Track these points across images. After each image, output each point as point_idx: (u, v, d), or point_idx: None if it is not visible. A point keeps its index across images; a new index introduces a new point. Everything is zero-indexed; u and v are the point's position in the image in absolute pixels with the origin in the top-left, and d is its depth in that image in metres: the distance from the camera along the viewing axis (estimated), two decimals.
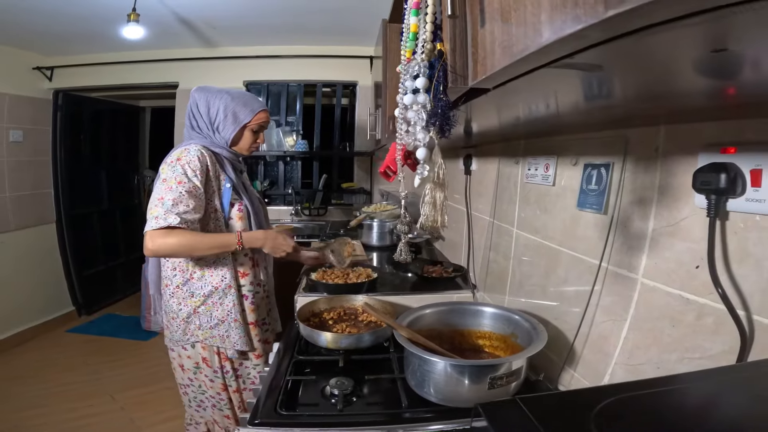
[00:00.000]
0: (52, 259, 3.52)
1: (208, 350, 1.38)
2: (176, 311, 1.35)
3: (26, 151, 3.25)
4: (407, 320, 1.06)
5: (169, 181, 1.22)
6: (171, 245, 1.18)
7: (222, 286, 1.35)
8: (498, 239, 1.39)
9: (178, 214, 1.18)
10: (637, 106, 0.66)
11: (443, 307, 1.14)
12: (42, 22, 2.52)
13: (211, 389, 1.42)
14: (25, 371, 2.71)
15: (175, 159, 1.26)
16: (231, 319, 1.36)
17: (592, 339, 0.87)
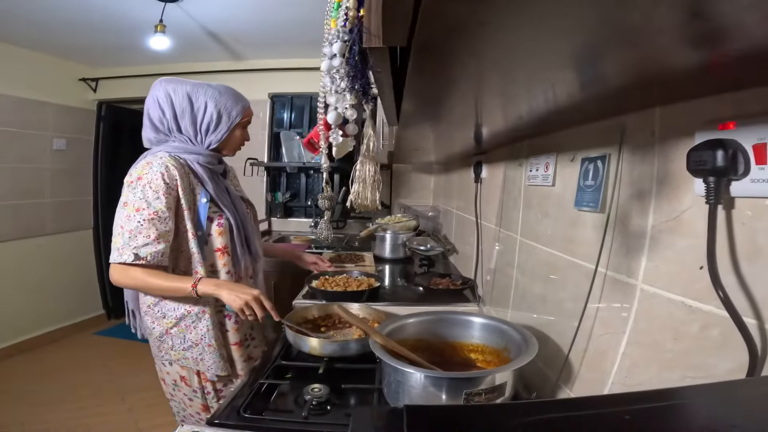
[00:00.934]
0: (86, 264, 3.69)
1: (187, 370, 1.24)
2: (150, 329, 1.24)
3: (68, 160, 3.46)
4: (388, 328, 0.98)
5: (129, 207, 1.10)
6: (128, 284, 1.12)
7: (195, 310, 1.20)
8: (504, 248, 1.29)
9: (135, 249, 1.07)
10: (623, 85, 0.58)
11: (429, 316, 1.06)
12: (87, 34, 2.71)
13: (191, 407, 1.30)
14: (46, 369, 2.81)
15: (135, 178, 1.12)
16: (205, 344, 1.21)
17: (590, 355, 0.76)
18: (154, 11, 2.28)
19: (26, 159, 3.14)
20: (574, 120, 0.86)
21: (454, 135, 1.17)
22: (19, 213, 3.10)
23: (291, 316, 1.28)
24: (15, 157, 3.06)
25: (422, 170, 3.21)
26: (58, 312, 3.37)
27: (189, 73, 3.32)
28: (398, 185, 3.25)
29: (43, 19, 2.47)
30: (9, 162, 3.02)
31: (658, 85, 0.56)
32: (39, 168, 3.24)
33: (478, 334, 1.01)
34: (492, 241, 1.44)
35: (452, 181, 2.35)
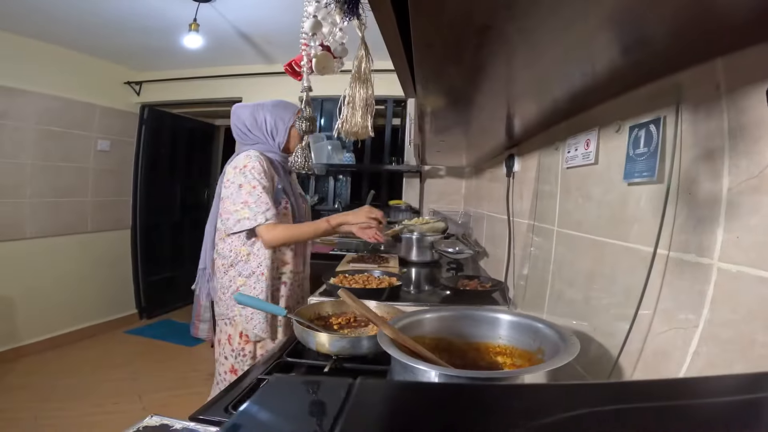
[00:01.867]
0: (122, 263, 3.79)
1: (236, 329, 1.48)
2: (227, 287, 1.50)
3: (111, 161, 3.60)
4: (402, 322, 0.86)
5: (246, 186, 1.41)
6: (280, 237, 1.43)
7: (257, 272, 1.48)
8: (538, 242, 1.15)
9: (263, 213, 1.39)
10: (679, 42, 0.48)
11: (450, 312, 0.92)
12: (127, 35, 2.81)
13: (222, 366, 1.51)
14: (73, 366, 2.85)
15: (242, 166, 1.43)
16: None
17: (648, 357, 0.61)
18: (189, 11, 2.32)
19: (70, 158, 3.27)
20: (616, 89, 0.74)
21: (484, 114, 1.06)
22: (61, 210, 3.23)
23: (302, 311, 1.19)
24: (60, 156, 3.19)
25: (453, 175, 3.09)
26: (91, 309, 3.46)
27: (223, 76, 3.40)
28: (429, 190, 3.13)
29: (87, 20, 2.58)
30: (54, 161, 3.15)
31: (717, 34, 0.48)
32: (83, 167, 3.38)
33: (506, 334, 0.87)
34: (525, 239, 1.30)
35: (483, 182, 2.21)
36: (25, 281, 2.96)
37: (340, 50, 0.49)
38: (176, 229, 4.30)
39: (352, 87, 0.56)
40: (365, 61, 0.53)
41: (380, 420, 0.35)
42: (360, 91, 0.57)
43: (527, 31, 0.54)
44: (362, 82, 0.56)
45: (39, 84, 3.00)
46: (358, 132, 0.60)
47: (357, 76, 0.53)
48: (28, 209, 3.01)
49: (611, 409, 0.26)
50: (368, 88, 0.56)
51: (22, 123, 2.93)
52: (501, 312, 0.89)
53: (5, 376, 2.60)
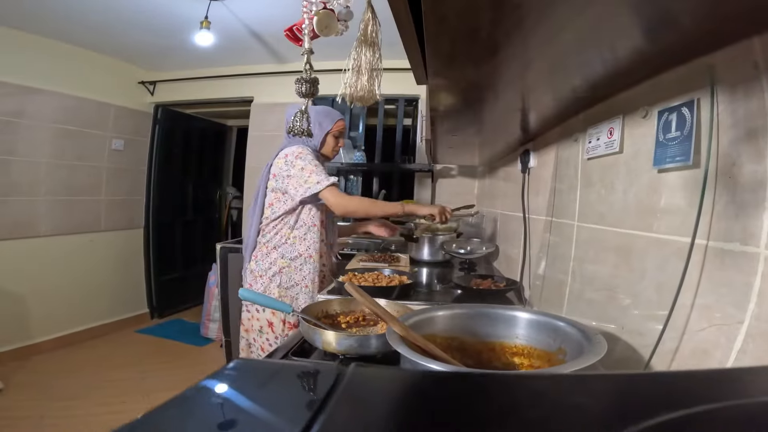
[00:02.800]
0: (135, 262, 3.81)
1: (277, 315, 1.53)
2: (265, 269, 1.58)
3: (125, 160, 3.62)
4: (413, 320, 0.82)
5: (308, 165, 1.51)
6: (353, 205, 1.53)
7: (305, 254, 1.58)
8: (556, 240, 1.10)
9: (329, 179, 1.49)
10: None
11: (464, 310, 0.88)
12: (140, 34, 2.81)
13: (265, 353, 1.52)
14: (83, 364, 2.85)
15: (298, 153, 1.54)
16: (303, 284, 1.58)
17: (684, 356, 0.56)
18: (201, 9, 2.32)
19: (85, 157, 3.30)
20: (642, 74, 0.69)
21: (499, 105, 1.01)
22: (75, 209, 3.25)
23: (309, 309, 1.15)
24: (74, 155, 3.22)
25: (466, 174, 3.03)
26: (103, 308, 3.47)
27: (235, 75, 3.40)
28: (441, 190, 3.08)
29: (102, 19, 2.59)
30: (68, 159, 3.18)
31: (754, 11, 0.45)
32: (97, 167, 3.40)
33: (523, 333, 0.82)
34: (541, 237, 1.24)
35: (497, 181, 2.16)
36: (38, 279, 2.99)
37: (345, 13, 0.46)
38: (188, 228, 4.31)
39: (358, 50, 0.52)
40: (372, 24, 0.49)
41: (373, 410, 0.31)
42: (366, 54, 0.53)
43: (546, 3, 0.50)
44: (368, 46, 0.52)
45: (55, 83, 3.03)
46: (363, 96, 0.55)
47: (363, 39, 0.50)
48: (42, 207, 3.04)
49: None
50: (375, 51, 0.52)
51: (38, 122, 2.97)
52: (518, 310, 0.84)
53: (15, 373, 2.62)
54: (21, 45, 2.80)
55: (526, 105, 1.00)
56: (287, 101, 3.29)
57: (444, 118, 1.26)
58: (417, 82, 0.86)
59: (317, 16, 0.47)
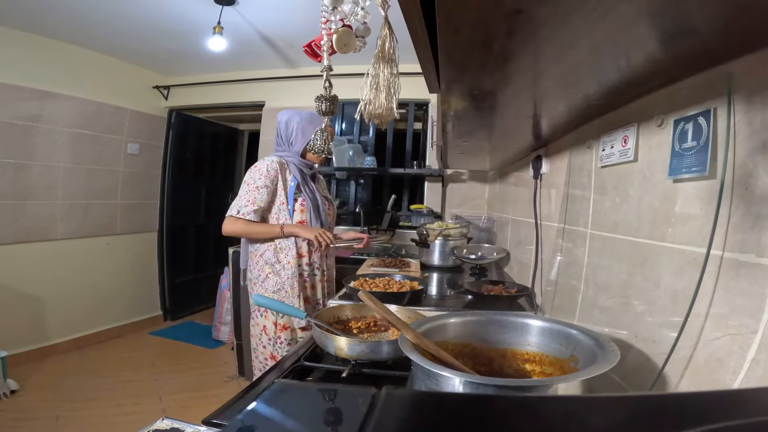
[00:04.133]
0: (149, 265, 3.87)
1: (269, 319, 1.68)
2: (257, 277, 1.73)
3: (140, 164, 3.69)
4: (425, 327, 0.82)
5: (244, 183, 1.68)
6: (233, 229, 1.66)
7: (284, 261, 1.71)
8: (569, 247, 1.09)
9: (239, 207, 1.64)
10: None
11: (475, 317, 0.88)
12: (154, 38, 2.86)
13: (262, 355, 1.72)
14: (97, 366, 2.90)
15: (253, 167, 1.71)
16: (287, 287, 1.69)
17: (697, 364, 0.56)
18: (213, 14, 2.36)
19: (101, 161, 3.37)
20: (657, 83, 0.69)
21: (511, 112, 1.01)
22: (91, 212, 3.32)
23: (321, 314, 1.17)
24: (91, 159, 3.29)
25: (476, 179, 3.02)
26: (118, 310, 3.53)
27: (247, 80, 3.44)
28: (451, 195, 3.07)
29: (118, 24, 2.64)
30: (85, 163, 3.25)
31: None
32: (113, 170, 3.47)
33: (535, 341, 0.82)
34: (554, 243, 1.24)
35: (508, 186, 2.15)
36: (54, 281, 3.05)
37: (363, 29, 0.46)
38: (200, 231, 4.37)
39: (376, 67, 0.52)
40: (389, 40, 0.49)
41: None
42: (384, 70, 0.53)
43: (561, 16, 0.50)
44: (386, 62, 0.51)
45: (72, 88, 3.09)
46: (382, 114, 0.55)
47: (381, 55, 0.49)
48: (59, 211, 3.10)
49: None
50: (392, 67, 0.52)
51: (56, 126, 3.03)
52: (530, 317, 0.84)
53: (32, 375, 2.67)
54: (38, 50, 2.86)
55: (539, 112, 1.00)
56: (298, 105, 3.32)
57: (455, 124, 1.26)
58: (430, 91, 0.87)
59: (336, 34, 0.47)
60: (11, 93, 2.76)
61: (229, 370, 2.90)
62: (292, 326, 1.70)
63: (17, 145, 2.83)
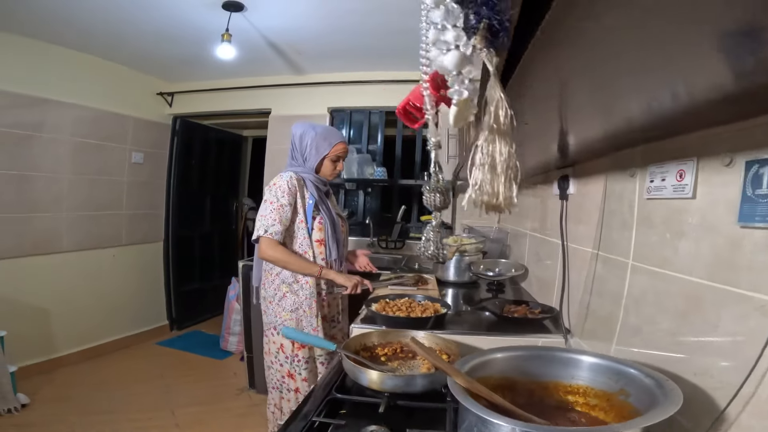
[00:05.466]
0: (155, 275, 3.83)
1: (284, 338, 1.64)
2: (272, 295, 1.70)
3: (145, 173, 3.65)
4: (469, 365, 0.80)
5: (266, 202, 1.64)
6: (271, 256, 1.61)
7: (302, 281, 1.68)
8: (604, 274, 1.07)
9: (266, 227, 1.60)
10: None
11: (521, 352, 0.86)
12: (160, 45, 2.83)
13: (279, 373, 1.70)
14: (108, 378, 2.87)
15: (272, 184, 1.68)
16: (305, 307, 1.67)
17: (761, 401, 0.54)
18: (220, 20, 2.32)
19: (106, 171, 3.33)
20: (725, 117, 0.65)
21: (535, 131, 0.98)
22: (97, 224, 3.28)
23: (349, 344, 1.14)
24: (95, 169, 3.25)
25: None
26: (125, 321, 3.50)
27: (252, 87, 3.41)
28: (462, 205, 3.05)
29: (122, 30, 2.61)
30: (90, 174, 3.21)
31: None
32: (118, 180, 3.43)
33: (582, 374, 0.80)
34: (585, 266, 1.21)
35: (525, 199, 2.12)
36: (61, 293, 3.02)
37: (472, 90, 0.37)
38: (205, 240, 4.34)
39: (488, 141, 0.41)
40: (503, 107, 0.39)
41: None
42: (499, 148, 0.42)
43: (607, 28, 0.41)
44: (502, 136, 0.41)
45: (73, 95, 3.04)
46: (500, 205, 0.45)
47: (495, 128, 0.39)
48: (64, 223, 3.06)
49: None
50: (510, 144, 0.41)
51: (58, 135, 2.98)
52: (581, 353, 0.82)
53: (43, 387, 2.64)
54: (39, 55, 2.81)
55: (568, 130, 0.97)
56: (305, 113, 3.30)
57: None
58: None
59: (458, 107, 0.39)
60: (12, 100, 2.70)
61: (240, 382, 2.87)
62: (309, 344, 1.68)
63: (20, 156, 2.78)
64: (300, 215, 1.70)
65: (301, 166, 1.77)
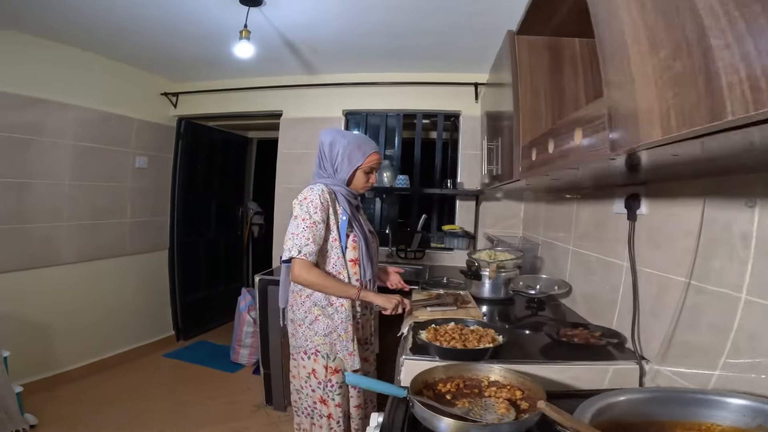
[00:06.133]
0: (160, 285, 3.67)
1: (319, 363, 1.56)
2: (302, 318, 1.58)
3: (149, 178, 3.47)
4: (590, 412, 0.71)
5: (298, 219, 1.50)
6: (308, 279, 1.47)
7: (336, 303, 1.56)
8: (700, 304, 0.98)
9: (299, 247, 1.46)
10: None
11: (643, 394, 0.78)
12: (171, 43, 2.66)
13: (310, 398, 1.60)
14: (117, 394, 2.73)
15: (302, 198, 1.53)
16: (340, 331, 1.55)
17: None
18: (236, 16, 2.17)
19: (109, 177, 3.14)
20: None
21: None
22: (99, 233, 3.11)
23: (414, 385, 1.03)
24: (98, 175, 3.06)
25: (511, 197, 2.90)
26: (130, 333, 3.35)
27: (266, 87, 3.26)
28: (484, 214, 2.94)
29: (123, 26, 2.44)
30: (92, 180, 3.03)
31: None
32: (121, 187, 3.26)
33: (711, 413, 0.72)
34: (665, 293, 1.12)
35: (563, 212, 2.02)
36: (63, 307, 2.85)
37: None
38: (211, 247, 4.19)
39: None
40: None
41: None
42: None
43: None
44: None
45: (74, 95, 2.86)
46: None
47: None
48: (65, 233, 2.89)
49: None
50: None
51: (59, 138, 2.81)
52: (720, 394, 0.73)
53: (48, 405, 2.50)
54: (37, 53, 2.63)
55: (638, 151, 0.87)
56: (319, 116, 3.17)
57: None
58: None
59: None
60: (10, 101, 2.52)
61: (255, 398, 2.75)
62: (343, 368, 1.58)
63: (17, 161, 2.60)
64: (333, 233, 1.56)
65: (331, 178, 1.63)
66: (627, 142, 0.64)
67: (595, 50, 1.45)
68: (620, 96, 0.67)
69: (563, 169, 0.98)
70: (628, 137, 0.64)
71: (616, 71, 0.68)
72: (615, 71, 0.69)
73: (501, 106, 1.78)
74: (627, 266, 1.34)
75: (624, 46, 0.64)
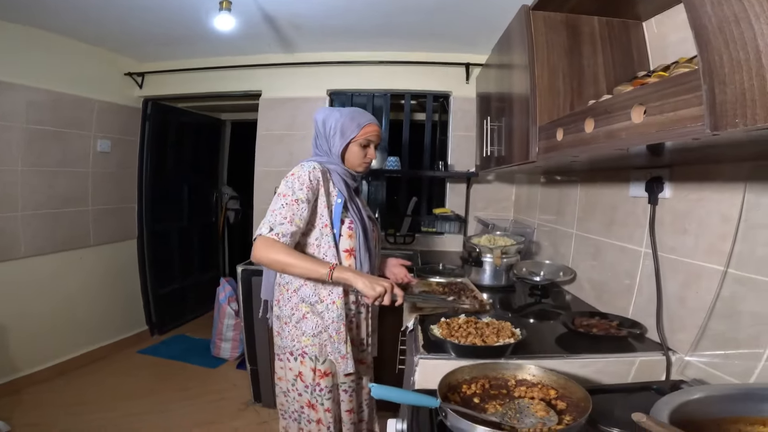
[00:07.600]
0: (129, 277, 3.43)
1: (306, 365, 1.41)
2: (289, 316, 1.41)
3: (112, 163, 3.20)
4: (667, 410, 0.65)
5: (279, 195, 1.32)
6: (264, 258, 1.24)
7: (327, 300, 1.39)
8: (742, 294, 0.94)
9: (272, 224, 1.26)
10: None
11: (719, 392, 0.73)
12: (140, 18, 2.41)
13: (297, 402, 1.46)
14: (92, 397, 2.54)
15: (289, 174, 1.35)
16: (331, 331, 1.38)
17: None
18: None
19: (67, 162, 2.87)
20: None
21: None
22: (60, 223, 2.85)
23: (440, 390, 0.94)
24: (55, 160, 2.78)
25: (502, 180, 2.84)
26: (100, 330, 3.12)
27: (243, 66, 3.03)
28: (475, 197, 2.87)
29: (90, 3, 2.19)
30: (49, 165, 2.75)
31: None
32: (81, 172, 2.98)
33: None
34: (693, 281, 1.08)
35: (563, 195, 1.97)
36: (21, 306, 2.60)
37: None
38: (184, 235, 3.96)
39: None
40: None
41: None
42: None
43: None
44: None
45: (25, 76, 2.57)
46: None
47: None
48: (21, 224, 2.62)
49: None
50: None
51: (11, 122, 2.52)
52: None
53: (14, 411, 2.30)
54: None
55: None
56: (301, 95, 2.97)
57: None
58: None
59: None
60: None
61: (242, 395, 2.62)
62: (333, 371, 1.43)
63: None
64: (324, 218, 1.36)
65: (326, 155, 1.45)
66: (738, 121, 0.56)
67: (615, 29, 1.37)
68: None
69: (608, 150, 0.89)
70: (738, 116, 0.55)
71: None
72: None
73: (509, 87, 1.68)
74: (645, 252, 1.30)
75: None
